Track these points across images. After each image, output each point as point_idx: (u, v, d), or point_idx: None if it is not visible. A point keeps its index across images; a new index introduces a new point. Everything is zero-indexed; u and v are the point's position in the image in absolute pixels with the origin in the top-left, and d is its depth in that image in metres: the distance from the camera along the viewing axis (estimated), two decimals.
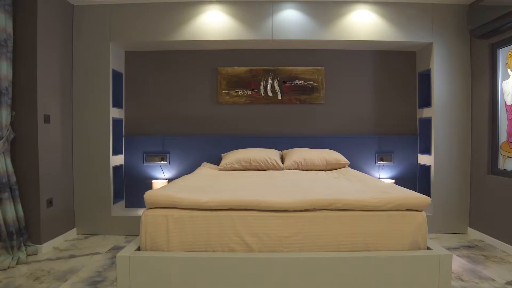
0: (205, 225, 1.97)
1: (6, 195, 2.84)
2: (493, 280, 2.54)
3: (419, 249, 1.98)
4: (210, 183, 2.63)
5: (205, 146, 3.95)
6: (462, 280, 2.54)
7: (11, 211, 2.87)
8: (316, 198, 2.01)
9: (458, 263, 2.88)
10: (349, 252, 1.93)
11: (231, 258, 1.88)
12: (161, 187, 2.41)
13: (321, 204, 1.98)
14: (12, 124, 2.99)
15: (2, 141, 2.83)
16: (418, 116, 4.00)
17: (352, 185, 2.58)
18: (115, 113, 3.81)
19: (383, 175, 3.96)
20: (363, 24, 3.59)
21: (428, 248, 2.00)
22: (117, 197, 3.85)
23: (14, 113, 3.03)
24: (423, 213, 2.02)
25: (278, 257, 1.88)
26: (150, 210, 2.03)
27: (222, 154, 3.76)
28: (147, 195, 2.04)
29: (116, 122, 3.89)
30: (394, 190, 2.24)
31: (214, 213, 1.98)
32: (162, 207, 2.02)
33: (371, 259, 1.88)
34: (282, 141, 3.93)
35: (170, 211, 2.00)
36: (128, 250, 1.97)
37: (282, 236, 1.95)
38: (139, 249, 2.01)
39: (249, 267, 1.86)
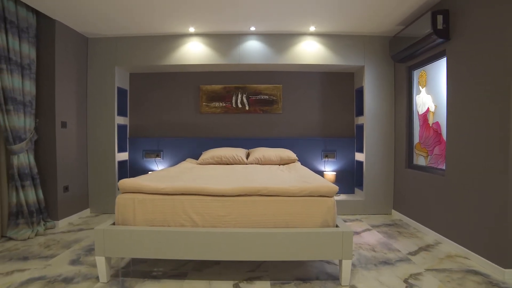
0: (162, 206, 1.98)
1: (28, 183, 2.88)
2: (399, 251, 2.52)
3: (328, 226, 1.98)
4: (181, 174, 2.63)
5: (190, 146, 3.97)
6: (374, 251, 2.52)
7: (32, 195, 2.92)
8: (246, 186, 2.01)
9: (376, 237, 2.85)
10: (272, 228, 1.94)
11: (181, 232, 1.90)
12: (135, 177, 2.44)
13: (250, 191, 1.98)
14: (36, 128, 3.05)
15: (25, 141, 2.89)
16: (355, 123, 3.98)
17: (289, 176, 2.56)
18: (120, 120, 3.85)
19: (328, 169, 3.95)
20: (310, 51, 3.60)
21: (336, 226, 2.00)
22: None
23: (37, 120, 3.09)
24: (332, 199, 2.00)
25: (217, 231, 1.90)
26: (123, 194, 2.05)
27: (202, 152, 3.79)
28: (120, 183, 2.05)
29: (122, 128, 3.92)
30: (314, 180, 2.22)
31: (169, 197, 2.00)
32: (131, 192, 2.04)
33: (289, 234, 1.89)
34: (249, 142, 3.94)
35: (136, 195, 2.01)
36: (104, 225, 2.00)
37: (220, 215, 1.96)
38: (114, 224, 2.05)
39: (194, 239, 1.89)
